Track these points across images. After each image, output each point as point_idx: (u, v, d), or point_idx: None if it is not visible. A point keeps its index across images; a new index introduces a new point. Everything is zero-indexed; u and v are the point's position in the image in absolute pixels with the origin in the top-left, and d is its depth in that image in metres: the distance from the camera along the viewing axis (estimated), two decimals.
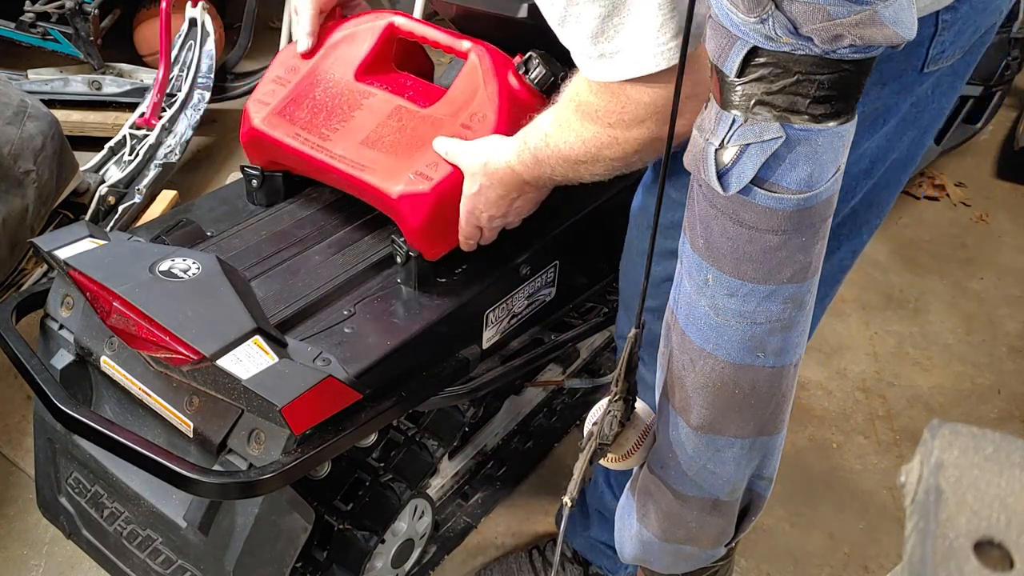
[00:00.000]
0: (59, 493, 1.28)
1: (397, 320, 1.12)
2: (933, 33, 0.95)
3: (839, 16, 0.69)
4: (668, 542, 1.10)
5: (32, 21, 2.41)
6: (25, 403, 1.79)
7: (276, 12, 2.75)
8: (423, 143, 1.14)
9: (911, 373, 2.05)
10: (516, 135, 1.07)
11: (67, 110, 2.44)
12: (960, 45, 0.98)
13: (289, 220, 1.26)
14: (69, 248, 1.08)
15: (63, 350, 1.16)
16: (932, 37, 0.95)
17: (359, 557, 1.29)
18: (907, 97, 1.00)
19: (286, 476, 0.98)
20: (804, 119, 0.75)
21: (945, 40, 0.96)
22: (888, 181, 1.11)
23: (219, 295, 1.02)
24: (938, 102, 1.05)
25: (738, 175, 0.78)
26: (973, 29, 0.98)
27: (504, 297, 1.24)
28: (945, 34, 0.95)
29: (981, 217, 2.58)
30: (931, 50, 0.96)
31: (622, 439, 1.03)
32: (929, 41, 0.95)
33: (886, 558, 1.65)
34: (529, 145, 1.04)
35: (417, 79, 1.29)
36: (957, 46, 0.98)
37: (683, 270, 0.91)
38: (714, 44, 0.76)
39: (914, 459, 0.41)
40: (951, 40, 0.97)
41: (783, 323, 0.87)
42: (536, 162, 1.04)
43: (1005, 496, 0.37)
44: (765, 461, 1.04)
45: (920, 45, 0.95)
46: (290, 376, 0.95)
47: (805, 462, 1.82)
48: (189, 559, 1.14)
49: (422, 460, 1.37)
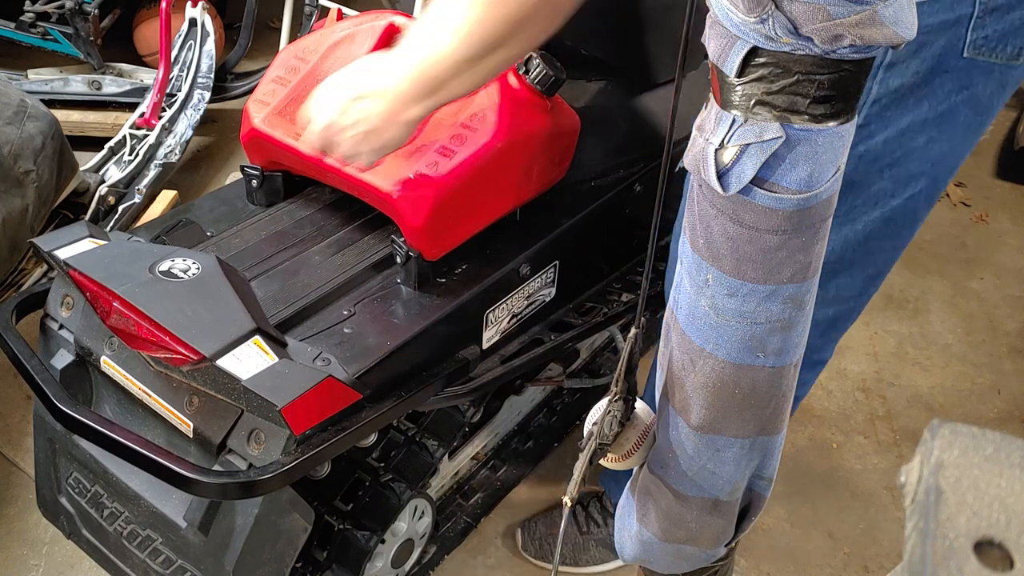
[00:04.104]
0: (59, 493, 1.28)
1: (397, 320, 1.12)
2: (971, 14, 0.91)
3: (839, 16, 0.69)
4: (668, 542, 1.10)
5: (32, 21, 2.41)
6: (25, 403, 1.79)
7: (276, 12, 2.75)
8: (423, 143, 1.14)
9: (911, 373, 2.05)
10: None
11: (67, 110, 2.44)
12: (1016, 42, 0.93)
13: (289, 220, 1.26)
14: (69, 248, 1.08)
15: (63, 350, 1.16)
16: (971, 17, 0.91)
17: (359, 557, 1.29)
18: (950, 82, 0.96)
19: (286, 476, 0.98)
20: (804, 119, 0.75)
21: (988, 24, 0.92)
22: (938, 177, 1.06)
23: (219, 295, 1.01)
24: (995, 111, 1.00)
25: (738, 175, 0.78)
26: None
27: (504, 297, 1.24)
28: (987, 18, 0.91)
29: (981, 217, 2.58)
30: (972, 33, 0.92)
31: (622, 439, 1.04)
32: (968, 21, 0.91)
33: (886, 558, 1.65)
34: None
35: None
36: (1010, 41, 0.93)
37: (683, 270, 0.91)
38: (714, 44, 0.76)
39: (914, 459, 0.41)
40: (998, 28, 0.92)
41: (783, 323, 0.87)
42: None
43: (1005, 496, 0.37)
44: (765, 461, 1.04)
45: (959, 24, 0.91)
46: (290, 376, 0.95)
47: (805, 462, 1.82)
48: (189, 559, 1.14)
49: (422, 460, 1.37)
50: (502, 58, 0.89)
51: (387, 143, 0.98)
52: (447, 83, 0.90)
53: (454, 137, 1.13)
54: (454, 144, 1.12)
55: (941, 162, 1.02)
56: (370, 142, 0.97)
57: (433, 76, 0.90)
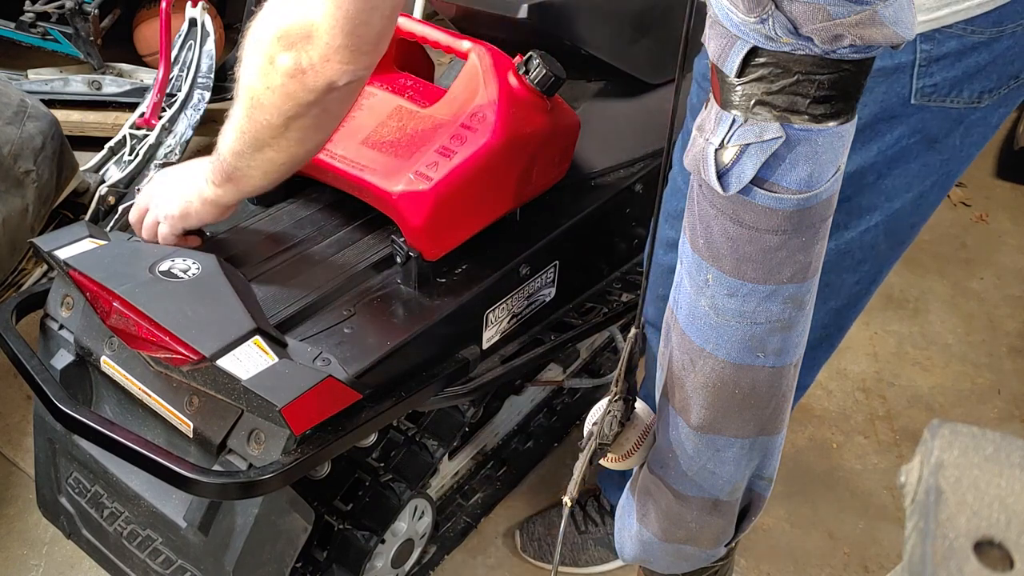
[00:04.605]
0: (59, 493, 1.28)
1: (397, 320, 1.12)
2: (913, 61, 0.89)
3: (839, 16, 0.69)
4: (668, 542, 1.10)
5: (32, 21, 2.41)
6: (25, 403, 1.79)
7: None
8: (423, 143, 1.14)
9: (911, 373, 2.05)
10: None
11: (67, 110, 2.44)
12: (974, 88, 0.91)
13: (289, 220, 1.26)
14: (69, 248, 1.08)
15: (63, 350, 1.16)
16: (913, 64, 0.89)
17: (359, 557, 1.29)
18: (899, 127, 0.94)
19: (286, 476, 0.98)
20: (804, 119, 0.75)
21: (935, 73, 0.90)
22: (899, 226, 1.04)
23: (219, 295, 1.02)
24: (968, 151, 0.98)
25: (738, 175, 0.78)
26: (988, 75, 0.90)
27: (504, 297, 1.24)
28: (933, 67, 0.89)
29: (981, 217, 2.58)
30: (916, 81, 0.90)
31: (622, 439, 1.04)
32: (911, 69, 0.90)
33: (886, 558, 1.65)
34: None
35: (417, 79, 1.29)
36: (966, 87, 0.91)
37: (683, 270, 0.91)
38: (714, 44, 0.76)
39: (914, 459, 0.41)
40: (948, 76, 0.90)
41: (783, 323, 0.87)
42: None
43: (1005, 496, 0.37)
44: (765, 461, 1.04)
45: (900, 72, 0.90)
46: (290, 376, 0.95)
47: (805, 462, 1.82)
48: (189, 559, 1.14)
49: (422, 460, 1.37)
50: (274, 155, 1.01)
51: (201, 221, 1.12)
52: (237, 171, 1.04)
53: (454, 137, 1.13)
54: (454, 144, 1.12)
55: (897, 196, 1.00)
56: (184, 221, 1.11)
57: (226, 166, 1.05)
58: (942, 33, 0.88)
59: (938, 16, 0.87)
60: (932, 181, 1.00)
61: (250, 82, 0.96)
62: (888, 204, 1.01)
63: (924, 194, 1.01)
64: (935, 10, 0.86)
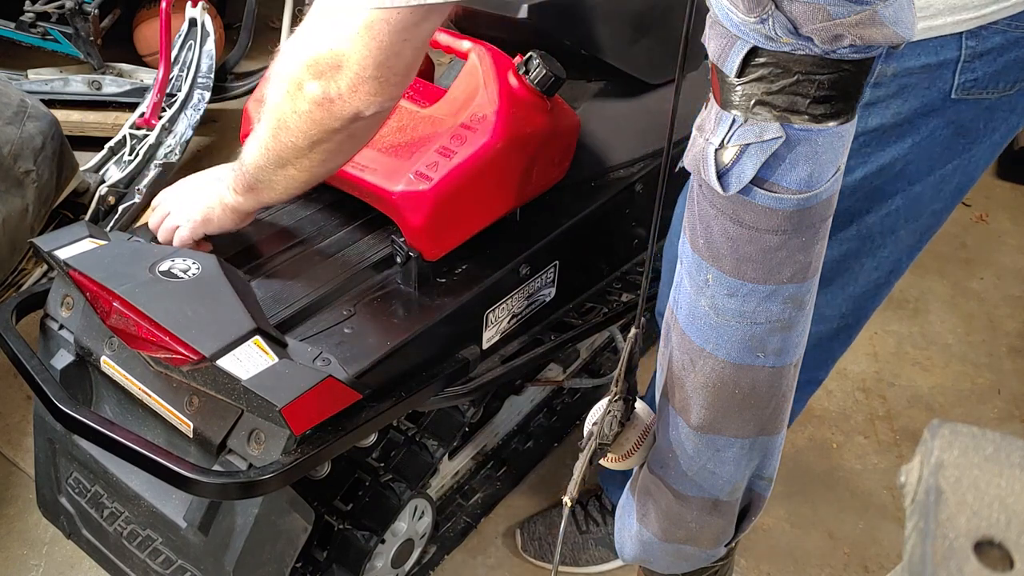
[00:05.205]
0: (59, 493, 1.28)
1: (397, 320, 1.12)
2: (958, 58, 0.91)
3: (839, 16, 0.69)
4: (668, 542, 1.10)
5: (32, 21, 2.41)
6: (25, 403, 1.79)
7: (276, 12, 2.75)
8: (423, 143, 1.14)
9: (911, 373, 2.05)
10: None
11: (67, 110, 2.44)
12: (1009, 79, 0.93)
13: (289, 220, 1.26)
14: (69, 248, 1.08)
15: (63, 350, 1.16)
16: (957, 61, 0.91)
17: (359, 557, 1.29)
18: (935, 120, 0.96)
19: (286, 476, 0.98)
20: (804, 119, 0.75)
21: (977, 68, 0.91)
22: (923, 209, 1.06)
23: (219, 295, 1.02)
24: (990, 137, 0.99)
25: (738, 175, 0.78)
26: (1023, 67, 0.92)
27: (504, 297, 1.24)
28: (976, 62, 0.91)
29: (981, 217, 2.58)
30: (959, 76, 0.92)
31: (622, 439, 1.04)
32: (955, 65, 0.91)
33: (886, 558, 1.65)
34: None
35: (417, 79, 1.29)
36: (1003, 79, 0.93)
37: (683, 270, 0.91)
38: (714, 44, 0.76)
39: (914, 459, 0.41)
40: (989, 71, 0.92)
41: (783, 323, 0.87)
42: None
43: (1005, 496, 0.37)
44: (765, 461, 1.04)
45: (944, 68, 0.91)
46: (290, 376, 0.95)
47: (805, 462, 1.82)
48: (189, 559, 1.14)
49: (422, 460, 1.37)
50: (296, 173, 1.02)
51: (222, 226, 1.14)
52: (259, 183, 1.06)
53: (454, 137, 1.13)
54: (454, 144, 1.12)
55: (918, 179, 1.01)
56: (206, 226, 1.13)
57: (248, 177, 1.06)
58: (987, 30, 0.89)
59: (984, 13, 0.88)
60: (954, 165, 1.01)
61: (277, 103, 0.97)
62: (910, 187, 1.02)
63: (946, 177, 1.02)
64: (982, 7, 0.88)
